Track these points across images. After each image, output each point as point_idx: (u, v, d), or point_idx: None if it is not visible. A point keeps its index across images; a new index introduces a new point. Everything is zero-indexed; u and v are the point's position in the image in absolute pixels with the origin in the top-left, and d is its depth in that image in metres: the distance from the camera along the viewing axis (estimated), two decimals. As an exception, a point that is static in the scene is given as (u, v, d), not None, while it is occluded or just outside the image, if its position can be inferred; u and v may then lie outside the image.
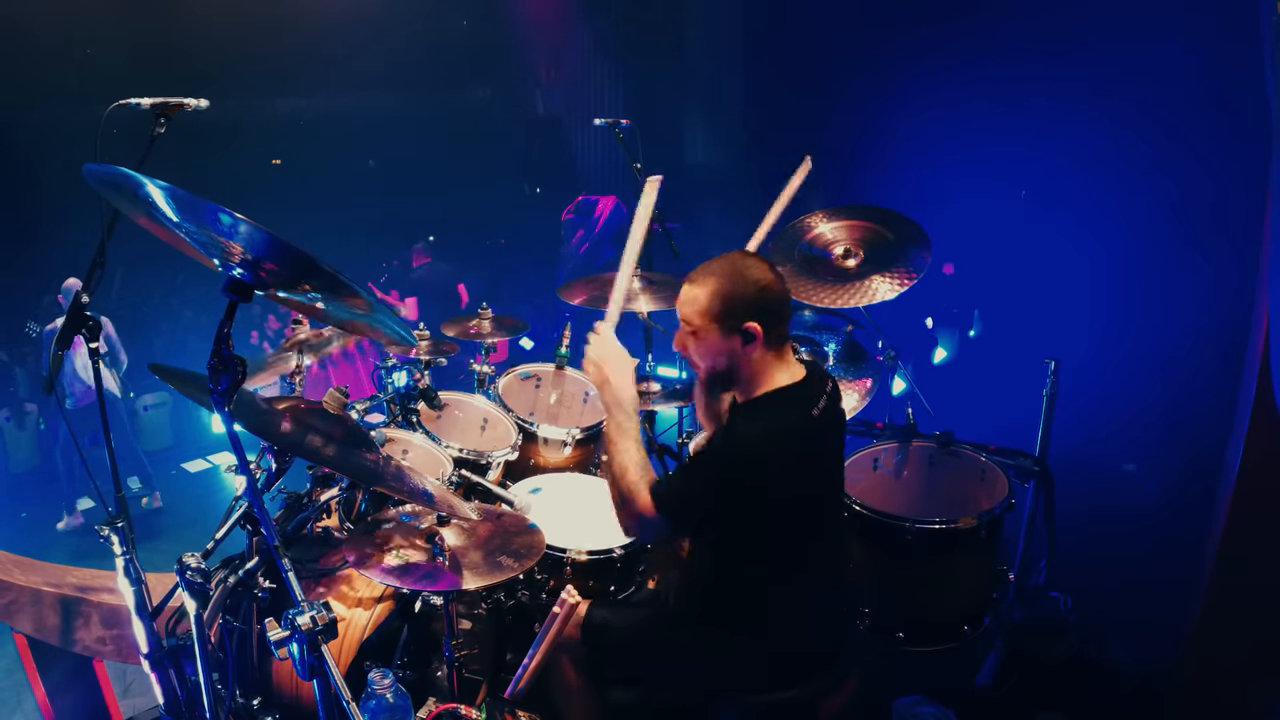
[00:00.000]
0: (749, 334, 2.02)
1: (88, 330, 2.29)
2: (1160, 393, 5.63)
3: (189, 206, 1.47)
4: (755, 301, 2.03)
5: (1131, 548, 4.00)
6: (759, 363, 2.07)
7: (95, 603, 2.93)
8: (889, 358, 3.33)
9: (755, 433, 2.01)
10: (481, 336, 3.82)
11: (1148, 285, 6.32)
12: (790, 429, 2.04)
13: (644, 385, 3.53)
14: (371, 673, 2.25)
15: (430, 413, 3.38)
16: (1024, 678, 3.21)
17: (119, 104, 2.42)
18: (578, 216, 11.44)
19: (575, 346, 3.78)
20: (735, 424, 2.09)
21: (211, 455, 7.67)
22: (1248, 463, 2.73)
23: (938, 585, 2.94)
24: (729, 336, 2.04)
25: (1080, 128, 6.88)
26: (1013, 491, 2.99)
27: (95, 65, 9.06)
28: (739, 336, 2.03)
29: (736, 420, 2.10)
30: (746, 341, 2.03)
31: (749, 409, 2.10)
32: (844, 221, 3.23)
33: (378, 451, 2.32)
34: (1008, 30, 7.11)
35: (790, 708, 2.18)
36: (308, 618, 1.51)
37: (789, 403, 2.06)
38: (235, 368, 1.58)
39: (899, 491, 3.20)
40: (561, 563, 2.70)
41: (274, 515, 2.80)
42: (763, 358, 2.07)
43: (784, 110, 9.48)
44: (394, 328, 1.82)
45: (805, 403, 2.08)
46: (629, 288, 2.48)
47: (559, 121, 12.56)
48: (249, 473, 1.74)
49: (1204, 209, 5.93)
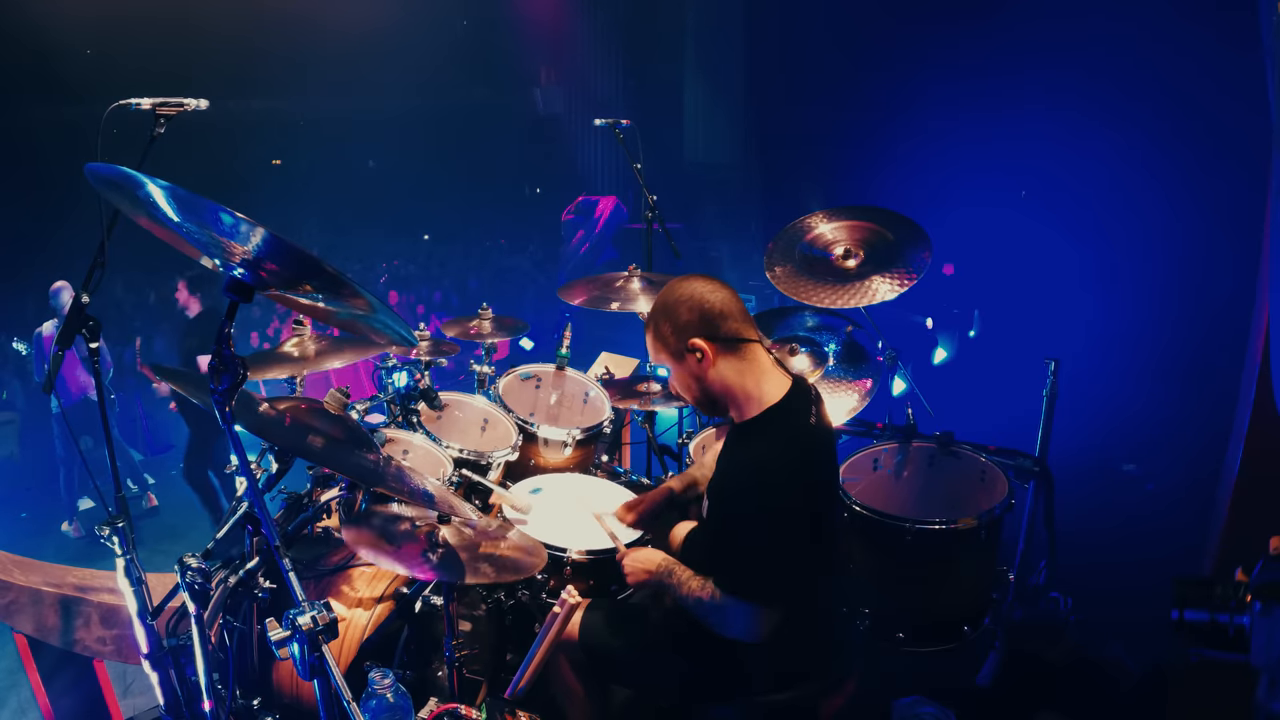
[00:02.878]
0: (698, 351, 2.04)
1: (88, 330, 2.29)
2: (1160, 393, 5.64)
3: (189, 206, 1.47)
4: (688, 318, 2.03)
5: (1131, 548, 4.01)
6: (728, 376, 2.06)
7: (95, 603, 2.93)
8: (889, 358, 3.33)
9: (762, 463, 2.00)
10: (481, 337, 3.82)
11: (1148, 285, 6.33)
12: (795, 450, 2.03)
13: (644, 385, 3.53)
14: (372, 673, 2.24)
15: (430, 413, 3.38)
16: (1024, 678, 3.21)
17: (119, 104, 2.42)
18: (578, 216, 11.45)
19: (575, 346, 3.79)
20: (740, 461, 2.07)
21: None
22: (1248, 463, 2.73)
23: (938, 585, 2.94)
24: (683, 363, 2.07)
25: (1080, 128, 6.89)
26: (1012, 492, 2.99)
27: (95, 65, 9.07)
28: (692, 358, 2.05)
29: (740, 454, 2.08)
30: (700, 360, 2.04)
31: (747, 434, 2.08)
32: (844, 222, 3.22)
33: (378, 452, 2.32)
34: (1008, 33, 7.12)
35: (790, 708, 2.18)
36: (308, 617, 1.51)
37: (784, 418, 2.05)
38: (236, 368, 1.58)
39: (899, 492, 3.20)
40: (561, 563, 2.70)
41: (274, 515, 2.81)
42: (728, 366, 2.05)
43: (784, 110, 9.49)
44: (394, 328, 1.82)
45: (800, 415, 2.08)
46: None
47: (559, 121, 12.57)
48: (249, 473, 1.73)
49: (1204, 209, 5.94)
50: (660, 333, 2.09)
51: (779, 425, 2.04)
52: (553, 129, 12.61)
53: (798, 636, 2.17)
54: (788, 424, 2.04)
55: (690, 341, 2.03)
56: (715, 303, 2.04)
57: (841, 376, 3.28)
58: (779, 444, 2.01)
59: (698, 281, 2.08)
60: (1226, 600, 1.59)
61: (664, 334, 2.08)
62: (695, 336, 2.03)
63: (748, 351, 2.06)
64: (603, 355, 4.43)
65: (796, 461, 2.00)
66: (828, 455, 2.17)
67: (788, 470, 1.98)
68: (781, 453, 1.99)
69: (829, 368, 3.27)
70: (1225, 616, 1.59)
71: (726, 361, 2.05)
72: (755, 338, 2.09)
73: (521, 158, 13.02)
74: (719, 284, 2.09)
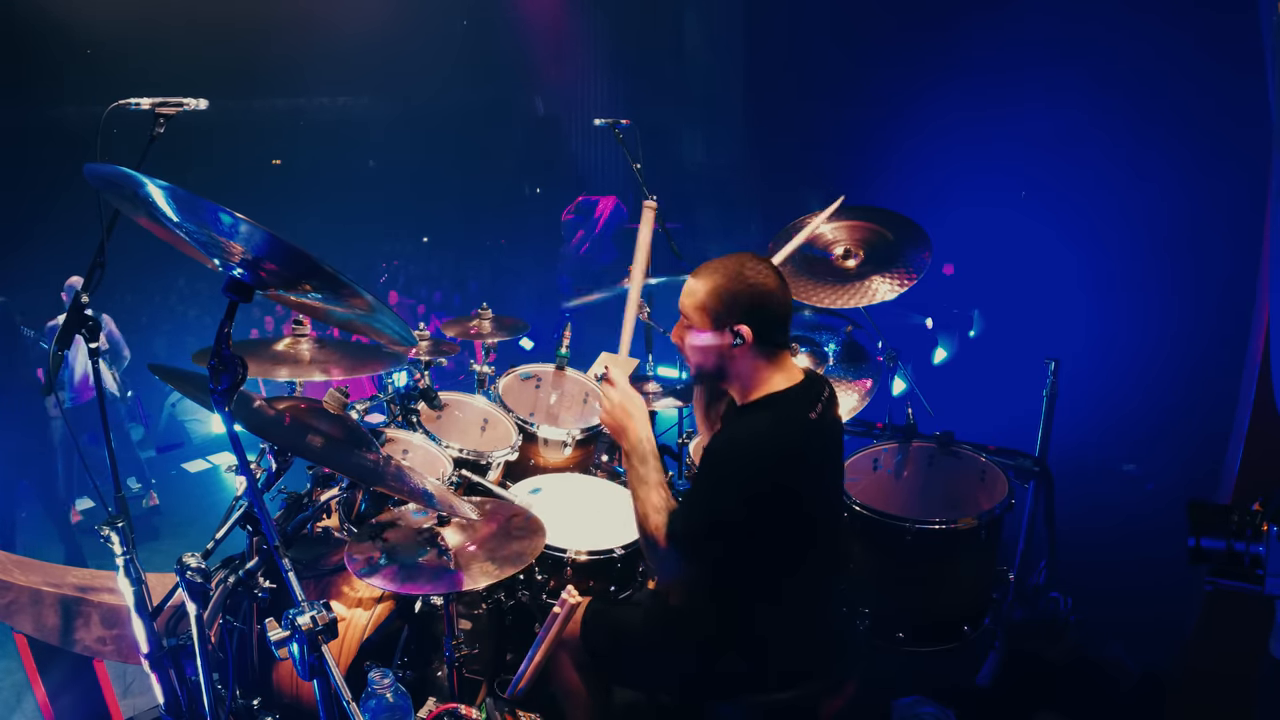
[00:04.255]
0: (739, 335, 2.02)
1: (87, 330, 2.29)
2: (1160, 393, 5.64)
3: (189, 206, 1.47)
4: (749, 303, 2.02)
5: (1131, 548, 4.00)
6: (749, 367, 2.06)
7: (95, 603, 2.93)
8: (889, 358, 3.33)
9: (755, 434, 2.01)
10: (481, 336, 3.82)
11: (1148, 285, 6.33)
12: (790, 430, 2.03)
13: (644, 385, 3.53)
14: (371, 673, 2.25)
15: (430, 413, 3.38)
16: (1024, 678, 3.21)
17: (119, 104, 2.42)
18: (578, 216, 11.44)
19: (575, 346, 3.79)
20: (734, 429, 2.08)
21: (212, 455, 7.68)
22: (1248, 463, 2.73)
23: (938, 585, 2.94)
24: (719, 335, 2.04)
25: (1080, 128, 6.88)
26: (1013, 492, 2.99)
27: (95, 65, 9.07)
28: (729, 336, 2.03)
29: (735, 425, 2.09)
30: (736, 343, 2.03)
31: (746, 412, 2.09)
32: (844, 221, 3.22)
33: (378, 451, 2.32)
34: (1009, 32, 7.11)
35: (790, 708, 2.18)
36: (308, 617, 1.51)
37: (786, 404, 2.05)
38: (235, 368, 1.58)
39: (899, 492, 3.20)
40: (561, 563, 2.70)
41: (274, 515, 2.81)
42: (753, 362, 2.06)
43: (784, 111, 9.48)
44: (394, 328, 1.82)
45: (802, 405, 2.07)
46: (635, 326, 2.48)
47: (559, 121, 12.56)
48: (249, 473, 1.73)
49: (1204, 209, 5.94)
50: (715, 289, 2.03)
51: (775, 409, 2.05)
52: (553, 129, 12.60)
53: (798, 635, 2.17)
54: (785, 410, 2.05)
55: (738, 324, 2.01)
56: (776, 305, 2.04)
57: (841, 376, 3.29)
58: (767, 424, 2.02)
59: (773, 275, 2.05)
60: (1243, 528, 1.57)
61: (717, 293, 2.03)
62: (746, 322, 2.01)
63: (778, 355, 2.08)
64: (603, 355, 4.42)
65: (782, 443, 2.00)
66: (824, 447, 2.15)
67: (769, 449, 1.98)
68: (768, 432, 2.00)
69: (829, 367, 3.27)
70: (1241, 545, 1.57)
71: (757, 355, 2.05)
72: (788, 344, 2.12)
73: (521, 158, 13.01)
74: (785, 283, 2.08)
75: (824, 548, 2.24)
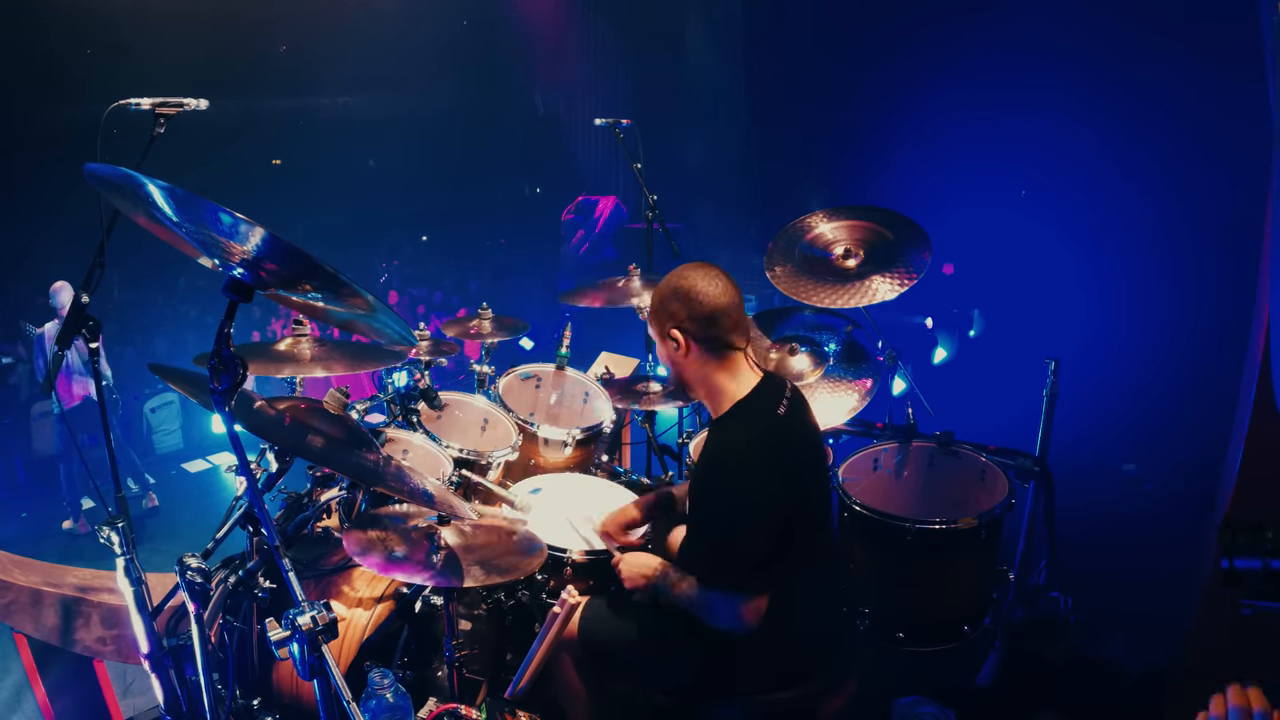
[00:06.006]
0: (676, 340, 2.09)
1: (88, 330, 2.29)
2: (1160, 393, 5.64)
3: (189, 206, 1.47)
4: (684, 308, 2.07)
5: (1131, 548, 4.01)
6: (700, 372, 2.12)
7: (95, 603, 2.93)
8: (889, 357, 3.33)
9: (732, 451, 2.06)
10: (481, 336, 3.81)
11: (1148, 285, 6.33)
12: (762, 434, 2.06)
13: (644, 385, 3.53)
14: (372, 673, 2.25)
15: (430, 413, 3.38)
16: (1024, 678, 3.21)
17: (119, 104, 2.42)
18: (578, 216, 11.45)
19: (575, 346, 3.79)
20: (711, 452, 2.13)
21: (212, 455, 7.68)
22: (1248, 463, 2.72)
23: (938, 585, 2.94)
24: (665, 342, 2.14)
25: (1080, 128, 6.89)
26: (1013, 492, 2.99)
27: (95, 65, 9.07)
28: (669, 342, 2.12)
29: (711, 446, 2.14)
30: (676, 349, 2.11)
31: (718, 427, 2.14)
32: (844, 221, 3.22)
33: (378, 451, 2.32)
34: (1009, 32, 7.12)
35: (790, 708, 2.18)
36: (308, 617, 1.51)
37: (752, 409, 2.09)
38: (235, 368, 1.58)
39: (899, 491, 3.20)
40: (561, 563, 2.70)
41: (274, 515, 2.81)
42: (703, 368, 2.11)
43: (784, 111, 9.49)
44: (394, 328, 1.82)
45: (768, 404, 2.11)
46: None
47: (559, 121, 12.56)
48: (249, 473, 1.73)
49: (1204, 209, 5.94)
50: (655, 301, 2.17)
51: (743, 418, 2.09)
52: (553, 129, 12.60)
53: (797, 635, 2.17)
54: (753, 415, 2.09)
55: (670, 330, 2.10)
56: (708, 304, 2.07)
57: (841, 376, 3.28)
58: (743, 436, 2.06)
59: (701, 278, 2.09)
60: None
61: (659, 304, 2.15)
62: (677, 328, 2.09)
63: (726, 355, 2.11)
64: (603, 355, 4.42)
65: (761, 451, 2.03)
66: (801, 442, 2.18)
67: (752, 460, 2.02)
68: (745, 444, 2.04)
69: (829, 367, 3.27)
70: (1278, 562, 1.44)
71: (702, 357, 2.10)
72: (740, 346, 2.12)
73: (521, 158, 13.00)
74: (724, 285, 2.10)
75: (819, 542, 2.25)
